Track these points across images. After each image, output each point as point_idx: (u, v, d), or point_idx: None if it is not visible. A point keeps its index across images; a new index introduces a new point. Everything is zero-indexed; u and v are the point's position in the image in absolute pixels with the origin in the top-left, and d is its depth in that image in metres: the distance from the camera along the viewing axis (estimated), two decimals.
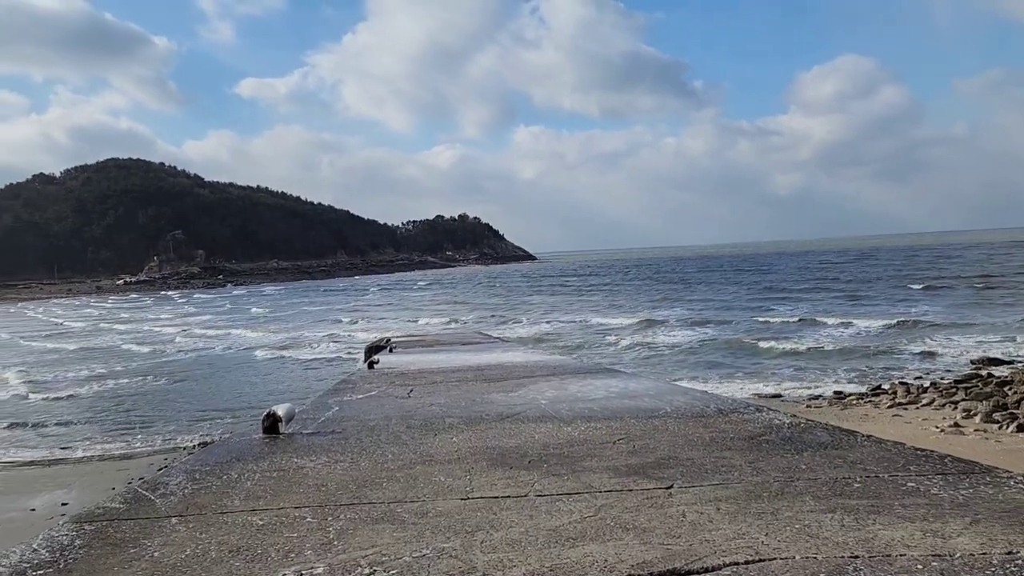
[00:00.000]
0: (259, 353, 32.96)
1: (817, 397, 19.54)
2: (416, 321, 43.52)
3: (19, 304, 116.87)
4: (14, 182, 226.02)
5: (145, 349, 35.86)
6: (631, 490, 3.35)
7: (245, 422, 18.59)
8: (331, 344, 34.66)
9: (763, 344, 28.06)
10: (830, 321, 33.69)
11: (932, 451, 3.93)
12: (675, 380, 19.47)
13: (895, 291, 48.55)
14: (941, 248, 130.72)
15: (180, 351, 34.65)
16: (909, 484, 3.29)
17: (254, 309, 68.92)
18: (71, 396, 23.15)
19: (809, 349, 26.53)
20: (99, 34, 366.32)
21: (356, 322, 47.00)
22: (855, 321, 33.17)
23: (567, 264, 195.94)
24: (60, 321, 65.30)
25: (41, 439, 18.23)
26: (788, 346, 27.38)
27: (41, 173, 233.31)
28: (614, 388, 6.97)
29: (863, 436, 4.23)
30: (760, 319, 36.73)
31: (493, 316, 41.76)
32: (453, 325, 37.74)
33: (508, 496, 3.33)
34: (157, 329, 48.21)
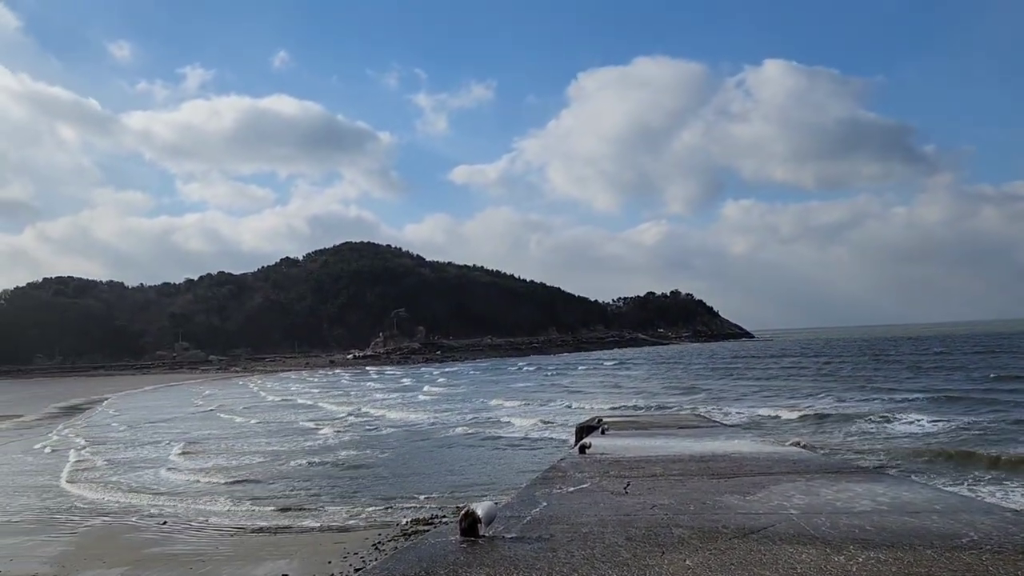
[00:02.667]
0: (426, 433, 33.12)
1: None
2: (570, 406, 42.34)
3: (249, 376, 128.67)
4: (265, 265, 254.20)
5: (311, 425, 37.32)
6: None
7: (435, 502, 18.32)
8: (486, 428, 34.14)
9: (1003, 448, 23.28)
10: None
11: None
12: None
13: None
14: None
15: (343, 430, 35.30)
16: None
17: (426, 387, 70.31)
18: (239, 478, 23.63)
19: None
20: (333, 133, 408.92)
21: (521, 403, 46.43)
22: None
23: (785, 343, 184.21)
24: (265, 395, 70.20)
25: (253, 507, 18.93)
26: None
27: (287, 257, 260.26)
28: (882, 497, 5.58)
29: None
30: (1003, 414, 31.00)
31: (651, 406, 38.83)
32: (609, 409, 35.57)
33: None
34: (332, 407, 50.17)
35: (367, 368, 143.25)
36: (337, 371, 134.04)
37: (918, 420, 29.84)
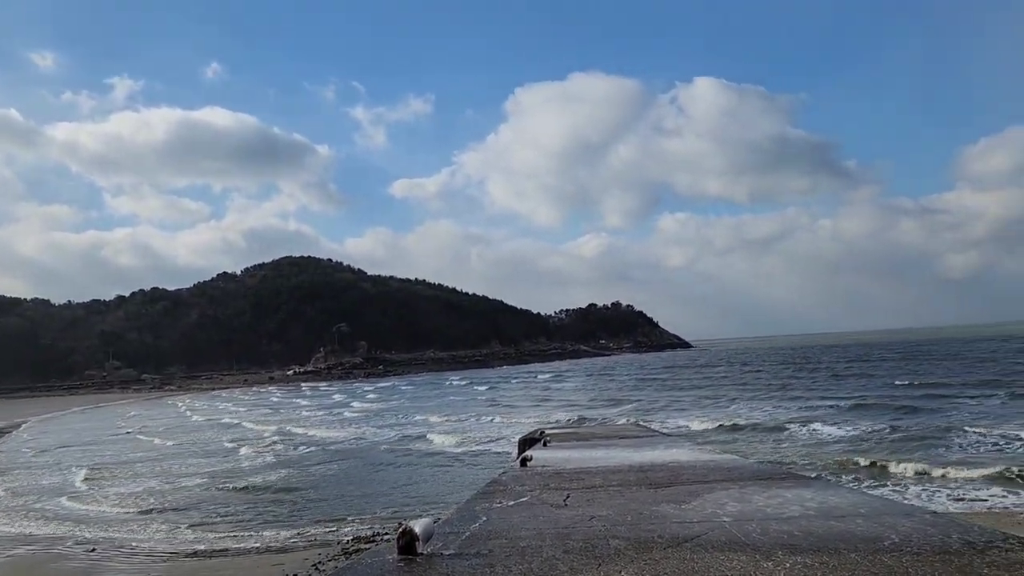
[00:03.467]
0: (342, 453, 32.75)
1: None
2: (492, 420, 42.64)
3: (181, 395, 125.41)
4: (200, 281, 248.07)
5: (231, 446, 36.69)
6: None
7: (377, 522, 18.12)
8: (411, 444, 34.11)
9: (940, 443, 24.45)
10: (998, 428, 28.78)
11: None
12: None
13: None
14: None
15: (263, 451, 34.54)
16: None
17: (355, 403, 70.06)
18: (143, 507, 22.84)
19: (998, 450, 22.75)
20: (269, 146, 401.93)
21: (447, 418, 46.71)
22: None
23: (720, 352, 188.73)
24: (191, 415, 68.79)
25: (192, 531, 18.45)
26: (972, 444, 23.73)
27: (224, 272, 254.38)
28: (811, 502, 5.75)
29: None
30: (934, 413, 32.47)
31: (584, 418, 39.36)
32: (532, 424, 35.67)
33: None
34: (256, 427, 49.15)
35: (301, 385, 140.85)
36: (271, 388, 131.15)
37: (840, 425, 30.86)
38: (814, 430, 30.26)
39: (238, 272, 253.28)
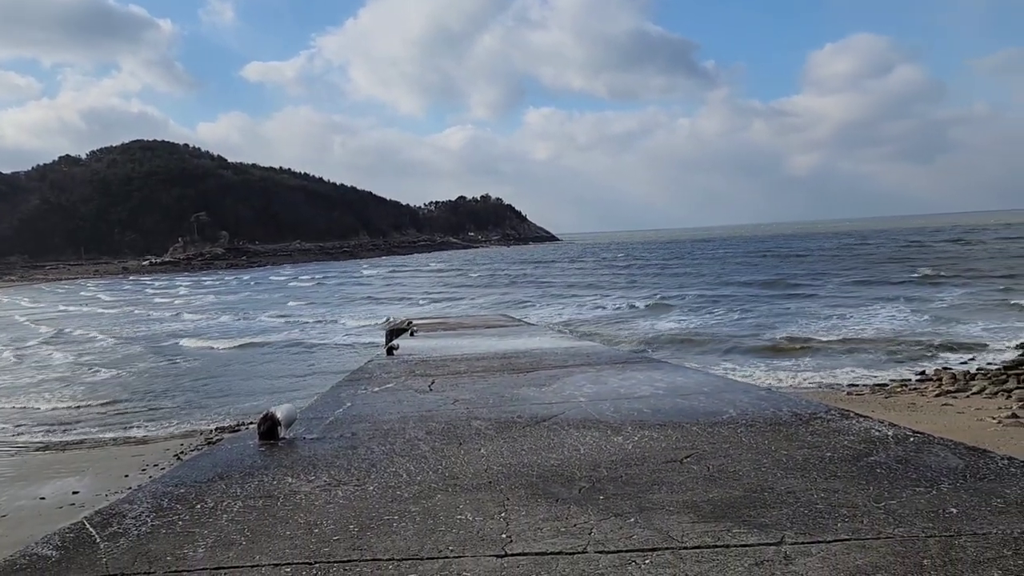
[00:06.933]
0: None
1: (855, 385, 18.50)
2: (304, 323, 40.92)
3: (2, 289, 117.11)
4: (40, 164, 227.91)
5: None
6: (727, 546, 2.46)
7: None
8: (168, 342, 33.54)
9: (771, 331, 26.68)
10: (845, 308, 31.89)
11: None
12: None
13: (914, 275, 46.36)
14: (966, 230, 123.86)
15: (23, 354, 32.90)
16: None
17: (158, 299, 68.88)
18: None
19: (819, 338, 25.14)
20: (103, 18, 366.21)
21: (239, 316, 46.22)
22: (874, 307, 31.64)
23: (582, 246, 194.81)
24: None
25: (53, 423, 17.68)
26: (798, 332, 26.01)
27: (67, 155, 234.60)
28: (660, 382, 6.13)
29: (1002, 458, 3.34)
30: (767, 305, 35.11)
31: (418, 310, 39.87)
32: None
33: (560, 553, 2.45)
34: (32, 325, 46.74)
35: (126, 278, 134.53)
36: (88, 282, 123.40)
37: (677, 319, 32.70)
38: (661, 320, 31.98)
39: (83, 155, 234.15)
